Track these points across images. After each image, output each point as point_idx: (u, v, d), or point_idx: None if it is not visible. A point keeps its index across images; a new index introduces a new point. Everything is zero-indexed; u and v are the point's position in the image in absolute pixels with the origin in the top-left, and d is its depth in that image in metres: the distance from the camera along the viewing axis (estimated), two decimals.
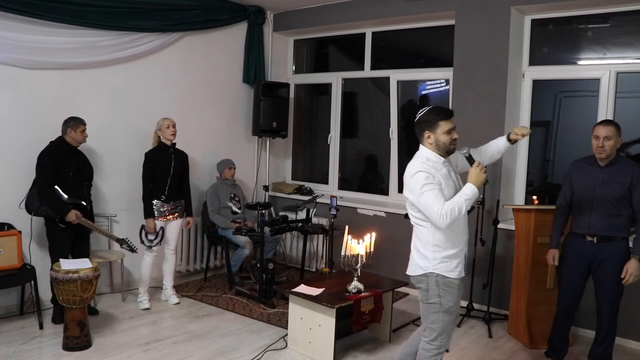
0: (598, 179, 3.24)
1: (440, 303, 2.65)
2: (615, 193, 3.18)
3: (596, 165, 3.28)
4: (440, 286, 2.63)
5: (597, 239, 3.24)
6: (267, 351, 3.73)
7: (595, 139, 3.22)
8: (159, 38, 4.99)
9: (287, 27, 6.05)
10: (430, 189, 2.52)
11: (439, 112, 2.63)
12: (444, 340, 2.71)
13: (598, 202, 3.23)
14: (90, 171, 4.28)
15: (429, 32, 5.27)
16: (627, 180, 3.16)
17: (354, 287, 3.69)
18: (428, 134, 2.63)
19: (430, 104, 5.51)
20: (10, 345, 3.65)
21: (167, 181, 4.44)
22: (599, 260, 3.25)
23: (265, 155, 6.17)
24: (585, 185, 3.30)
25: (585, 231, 3.29)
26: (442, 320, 2.67)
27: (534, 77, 4.61)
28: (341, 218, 4.97)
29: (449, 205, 2.50)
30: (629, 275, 3.14)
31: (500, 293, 4.48)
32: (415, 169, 2.58)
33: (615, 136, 3.17)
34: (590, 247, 3.27)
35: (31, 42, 4.13)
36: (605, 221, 3.21)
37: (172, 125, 4.45)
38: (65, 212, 3.92)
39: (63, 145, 4.04)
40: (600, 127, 3.22)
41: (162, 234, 4.45)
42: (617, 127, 3.21)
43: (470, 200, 2.55)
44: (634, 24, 4.19)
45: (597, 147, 3.21)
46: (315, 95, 6.55)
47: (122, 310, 4.43)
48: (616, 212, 3.19)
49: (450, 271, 2.63)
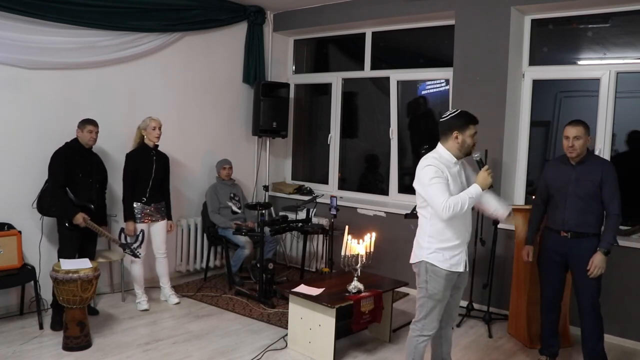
0: (571, 177, 3.35)
1: (427, 288, 2.84)
2: (587, 190, 3.29)
3: (569, 164, 3.39)
4: (428, 272, 2.83)
5: (571, 234, 3.35)
6: (267, 351, 3.73)
7: (565, 139, 3.33)
8: (159, 38, 4.99)
9: (287, 27, 6.05)
10: (438, 182, 2.71)
11: (470, 116, 2.82)
12: (427, 325, 2.87)
13: (571, 199, 3.34)
14: (102, 174, 4.28)
15: (429, 32, 5.27)
16: (598, 178, 3.26)
17: (354, 287, 3.69)
18: (457, 134, 2.79)
19: (429, 105, 5.57)
20: (10, 345, 3.65)
21: (149, 183, 4.39)
22: (574, 256, 3.35)
23: (265, 155, 6.17)
24: (559, 183, 3.41)
25: (560, 227, 3.39)
26: (427, 305, 2.85)
27: (534, 77, 4.61)
28: (341, 218, 4.97)
29: (453, 200, 2.68)
30: (594, 268, 3.24)
31: (500, 293, 4.48)
32: (427, 163, 2.78)
33: (584, 135, 3.27)
34: (565, 243, 3.37)
35: (31, 42, 4.13)
36: (579, 218, 3.31)
37: (158, 127, 4.40)
38: (73, 215, 3.93)
39: (75, 146, 4.06)
40: (569, 128, 3.32)
41: (143, 237, 4.35)
42: (586, 126, 3.31)
43: (474, 200, 2.75)
44: (634, 24, 4.19)
45: (567, 147, 3.32)
46: (315, 95, 6.54)
47: (122, 310, 4.43)
48: (589, 209, 3.30)
49: (441, 262, 2.80)
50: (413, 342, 2.92)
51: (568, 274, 3.53)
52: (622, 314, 4.00)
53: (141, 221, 4.39)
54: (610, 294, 4.04)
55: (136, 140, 4.47)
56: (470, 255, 4.39)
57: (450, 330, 3.09)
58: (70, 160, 3.99)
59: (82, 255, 4.01)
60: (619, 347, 3.96)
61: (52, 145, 4.06)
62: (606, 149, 4.25)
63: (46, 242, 4.29)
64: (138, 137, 4.46)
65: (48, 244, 4.30)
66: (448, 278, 2.82)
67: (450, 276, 2.83)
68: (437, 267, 2.80)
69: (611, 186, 3.26)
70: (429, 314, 2.86)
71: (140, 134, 4.44)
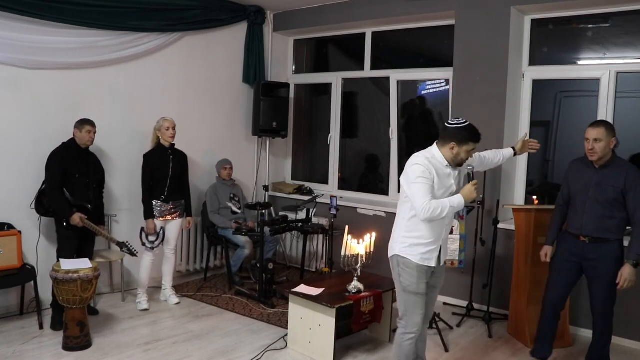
0: (592, 180, 3.24)
1: (400, 282, 2.87)
2: (607, 196, 3.17)
3: (591, 167, 3.27)
4: (400, 265, 2.85)
5: (589, 239, 3.25)
6: (267, 351, 3.73)
7: (586, 141, 3.22)
8: (159, 38, 4.99)
9: (287, 27, 6.05)
10: (423, 182, 2.71)
11: (473, 134, 2.77)
12: (410, 321, 2.87)
13: (591, 203, 3.23)
14: (100, 173, 4.28)
15: (429, 32, 5.27)
16: (621, 184, 3.14)
17: (354, 287, 3.69)
18: (454, 145, 2.76)
19: (428, 105, 5.56)
20: (10, 345, 3.65)
21: (167, 182, 4.45)
22: (590, 260, 3.25)
23: (265, 155, 6.17)
24: (580, 186, 3.31)
25: (578, 231, 3.30)
26: (404, 299, 2.87)
27: (534, 77, 4.61)
28: (341, 218, 4.97)
29: (434, 203, 2.68)
30: (623, 281, 3.14)
31: (500, 293, 4.48)
32: (416, 161, 2.77)
33: (606, 138, 3.14)
34: (583, 247, 3.28)
35: (31, 42, 4.12)
36: (597, 223, 3.21)
37: (171, 127, 4.46)
38: (70, 215, 3.93)
39: (72, 146, 4.06)
40: (590, 129, 3.20)
41: (163, 234, 4.45)
42: (609, 127, 3.17)
43: (454, 209, 2.73)
44: (634, 24, 4.19)
45: (588, 150, 3.21)
46: (315, 95, 6.54)
47: (122, 311, 4.43)
48: (609, 215, 3.19)
49: (412, 255, 2.81)
50: (398, 340, 2.92)
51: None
52: (622, 314, 3.99)
53: (159, 219, 4.45)
54: None
55: (153, 141, 4.53)
56: (470, 255, 4.43)
57: (425, 330, 3.04)
58: (67, 161, 3.99)
59: (80, 255, 4.01)
60: (619, 347, 3.96)
61: (52, 145, 4.06)
62: None
63: (44, 242, 4.29)
64: (155, 138, 4.51)
65: (46, 244, 4.30)
66: (420, 270, 2.82)
67: (422, 269, 2.82)
68: (408, 259, 2.81)
69: (636, 193, 3.12)
70: (408, 309, 2.86)
71: (156, 135, 4.49)
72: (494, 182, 4.55)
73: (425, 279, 2.85)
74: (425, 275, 2.85)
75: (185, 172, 4.66)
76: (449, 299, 4.84)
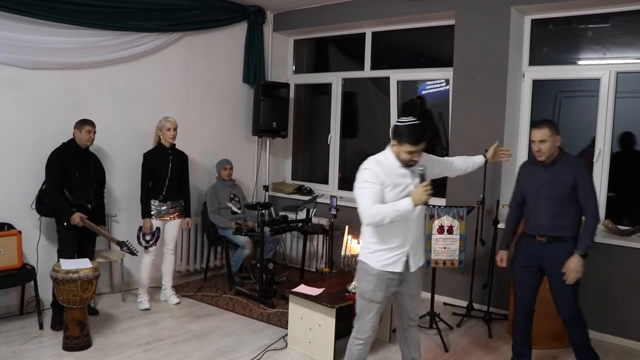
0: (543, 179, 3.21)
1: (358, 286, 2.83)
2: (560, 192, 3.14)
3: (541, 166, 3.24)
4: (360, 271, 2.82)
5: (547, 239, 3.20)
6: (267, 351, 3.73)
7: (532, 143, 3.19)
8: (159, 38, 4.99)
9: (287, 27, 6.05)
10: (369, 186, 2.65)
11: (413, 135, 2.61)
12: (361, 328, 2.81)
13: (544, 202, 3.19)
14: (100, 173, 4.29)
15: (429, 32, 5.27)
16: (571, 179, 3.12)
17: (354, 287, 3.69)
18: (394, 143, 2.68)
19: (428, 106, 5.56)
20: (10, 345, 3.65)
21: (165, 182, 4.45)
22: (549, 260, 3.20)
23: (265, 155, 6.17)
24: (533, 186, 3.27)
25: (535, 232, 3.26)
26: (359, 304, 2.82)
27: (534, 77, 4.61)
28: (341, 218, 4.96)
29: (375, 208, 2.60)
30: (570, 272, 3.09)
31: (500, 293, 4.48)
32: (365, 166, 2.73)
33: (550, 137, 3.11)
34: (541, 247, 3.22)
35: (31, 42, 4.13)
36: (553, 222, 3.17)
37: (173, 128, 4.46)
38: (70, 215, 3.93)
39: (72, 146, 4.06)
40: (534, 131, 3.17)
41: (158, 234, 4.43)
42: (552, 126, 3.14)
43: (400, 215, 2.59)
44: (634, 24, 4.19)
45: (535, 152, 3.18)
46: (315, 95, 6.54)
47: (122, 310, 4.43)
48: (563, 212, 3.15)
49: (374, 262, 2.74)
50: (349, 343, 2.87)
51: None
52: (622, 314, 4.00)
53: (157, 218, 4.44)
54: (610, 294, 4.05)
55: (155, 139, 4.53)
56: (470, 255, 4.43)
57: (414, 332, 2.98)
58: (67, 161, 3.99)
59: (80, 255, 4.01)
60: (619, 347, 3.96)
61: (52, 145, 4.06)
62: (606, 149, 4.25)
63: (44, 242, 4.30)
64: (156, 137, 4.51)
65: (46, 244, 4.31)
66: (380, 278, 2.73)
67: (383, 277, 2.73)
68: (369, 266, 2.75)
69: (586, 187, 3.12)
70: (360, 315, 2.81)
71: (157, 134, 4.50)
72: (494, 182, 4.55)
73: (385, 287, 2.75)
74: (385, 283, 2.74)
75: (185, 173, 4.66)
76: (449, 299, 4.85)
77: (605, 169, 4.26)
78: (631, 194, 4.43)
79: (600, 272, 4.06)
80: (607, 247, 4.02)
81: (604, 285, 4.07)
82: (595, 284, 4.07)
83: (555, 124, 3.20)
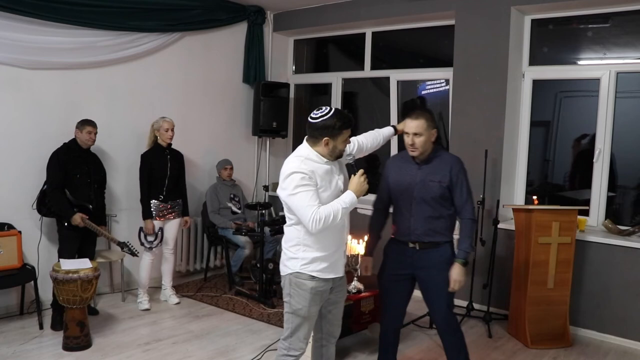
0: (416, 178, 2.86)
1: (290, 303, 2.55)
2: (433, 193, 2.82)
3: (413, 163, 2.89)
4: (292, 285, 2.52)
5: (419, 245, 2.87)
6: (267, 351, 3.72)
7: (405, 135, 2.84)
8: (159, 38, 4.98)
9: (287, 27, 6.05)
10: (305, 190, 2.38)
11: (344, 119, 2.47)
12: (294, 344, 2.58)
13: (417, 204, 2.85)
14: (101, 174, 4.29)
15: (429, 32, 5.27)
16: (446, 179, 2.82)
17: (354, 287, 3.69)
18: (328, 140, 2.47)
19: (428, 105, 5.56)
20: (10, 345, 3.65)
21: (165, 182, 4.44)
22: (422, 269, 2.89)
23: (265, 155, 6.17)
24: (404, 185, 2.90)
25: (407, 237, 2.90)
26: (292, 321, 2.56)
27: (534, 77, 4.61)
28: None
29: (324, 211, 2.38)
30: (454, 283, 2.82)
31: (500, 293, 4.48)
32: (291, 169, 2.44)
33: (426, 131, 2.78)
34: (413, 255, 2.89)
35: (31, 42, 4.13)
36: (426, 225, 2.84)
37: (170, 128, 4.44)
38: (71, 215, 3.93)
39: (73, 146, 4.07)
40: (408, 122, 2.82)
41: (162, 234, 4.45)
42: (429, 118, 2.81)
43: (348, 209, 2.45)
44: (634, 24, 4.19)
45: (408, 145, 2.83)
46: (315, 95, 6.54)
47: (122, 311, 4.43)
48: (437, 215, 2.84)
49: (318, 271, 2.50)
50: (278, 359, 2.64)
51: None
52: (622, 314, 4.00)
53: (157, 219, 4.44)
54: (610, 294, 4.05)
55: (150, 139, 4.50)
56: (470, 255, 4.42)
57: (332, 348, 2.77)
58: (68, 161, 4.00)
59: (81, 255, 4.01)
60: (619, 347, 3.96)
61: (52, 145, 4.07)
62: (606, 149, 4.24)
63: (45, 242, 4.30)
64: (152, 137, 4.49)
65: (47, 244, 4.31)
66: (315, 292, 2.50)
67: (318, 290, 2.51)
68: (302, 279, 2.49)
69: (462, 187, 2.83)
70: (294, 332, 2.57)
71: (153, 134, 4.48)
72: (494, 182, 4.55)
73: (320, 300, 2.56)
74: (320, 296, 2.54)
75: (182, 172, 4.65)
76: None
77: (605, 169, 4.26)
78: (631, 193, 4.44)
79: (600, 272, 4.06)
80: (607, 247, 4.02)
81: (604, 285, 4.07)
82: (595, 284, 4.07)
83: (433, 116, 2.90)
